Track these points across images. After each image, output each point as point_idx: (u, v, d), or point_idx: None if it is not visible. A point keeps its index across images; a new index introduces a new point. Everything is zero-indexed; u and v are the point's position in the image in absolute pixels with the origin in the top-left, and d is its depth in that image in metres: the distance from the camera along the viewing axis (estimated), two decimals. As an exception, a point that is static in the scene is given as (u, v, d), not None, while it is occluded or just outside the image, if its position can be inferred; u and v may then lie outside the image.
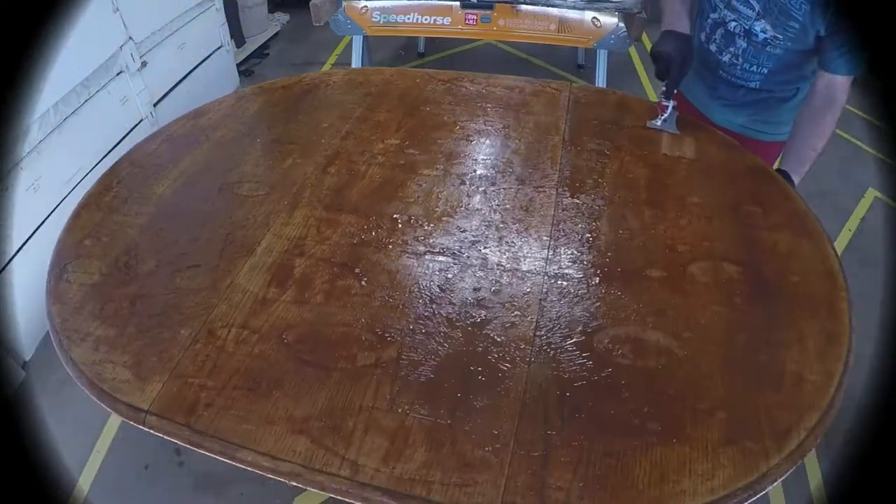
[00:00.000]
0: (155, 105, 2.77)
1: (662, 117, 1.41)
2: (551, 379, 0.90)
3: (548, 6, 2.66)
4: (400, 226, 1.19)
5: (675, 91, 1.38)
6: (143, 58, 2.62)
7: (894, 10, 1.05)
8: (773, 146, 1.51)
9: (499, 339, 0.96)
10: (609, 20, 2.63)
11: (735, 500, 0.76)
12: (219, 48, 3.38)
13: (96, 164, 2.33)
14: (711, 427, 0.83)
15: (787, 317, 0.98)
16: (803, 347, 0.93)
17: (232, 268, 1.09)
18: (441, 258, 1.11)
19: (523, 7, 2.68)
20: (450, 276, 1.08)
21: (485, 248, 1.13)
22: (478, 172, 1.34)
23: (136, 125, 2.62)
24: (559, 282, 1.06)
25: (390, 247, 1.14)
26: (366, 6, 2.80)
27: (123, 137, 2.52)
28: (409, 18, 2.80)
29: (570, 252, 1.12)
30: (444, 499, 0.76)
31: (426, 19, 2.79)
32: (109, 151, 2.41)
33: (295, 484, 0.80)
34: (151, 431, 0.87)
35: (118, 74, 2.48)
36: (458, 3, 2.73)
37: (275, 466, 0.81)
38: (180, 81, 3.02)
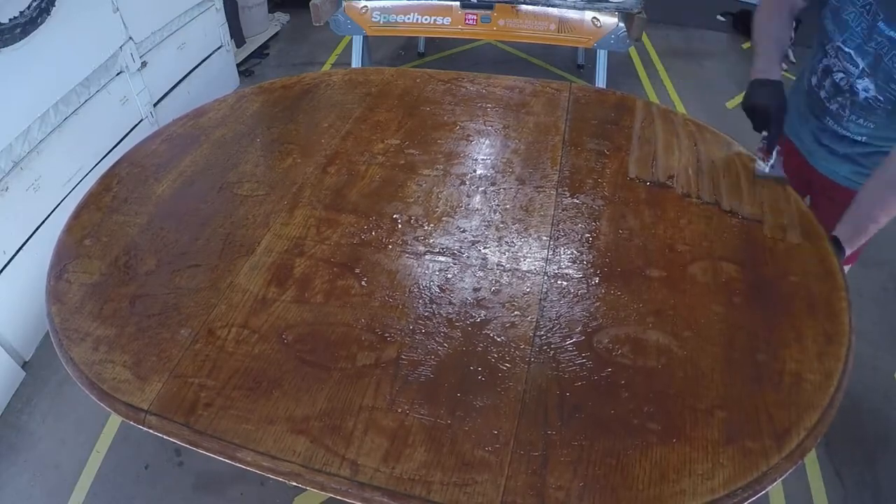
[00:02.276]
0: (155, 105, 2.77)
1: (770, 163, 1.31)
2: (551, 379, 0.90)
3: (548, 6, 2.66)
4: (400, 226, 1.19)
5: (778, 140, 1.29)
6: (143, 58, 2.63)
7: None
8: None
9: (499, 339, 0.96)
10: (609, 20, 2.64)
11: (735, 500, 0.76)
12: (219, 48, 3.38)
13: (96, 164, 2.33)
14: (711, 427, 0.83)
15: (786, 317, 0.98)
16: (803, 347, 0.93)
17: (232, 268, 1.09)
18: (441, 258, 1.11)
19: (523, 7, 2.68)
20: (450, 276, 1.08)
21: (485, 248, 1.13)
22: (478, 172, 1.34)
23: (136, 125, 2.62)
24: (559, 282, 1.06)
25: (390, 247, 1.14)
26: (366, 6, 2.80)
27: (123, 137, 2.52)
28: (409, 18, 2.81)
29: (569, 252, 1.12)
30: (443, 499, 0.76)
31: (426, 19, 2.79)
32: (109, 151, 2.42)
33: (295, 484, 0.80)
34: (151, 431, 0.87)
35: (118, 74, 2.48)
36: (458, 3, 2.73)
37: (275, 466, 0.81)
38: (180, 81, 3.02)
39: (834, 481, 1.71)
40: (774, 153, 1.30)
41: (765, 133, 1.29)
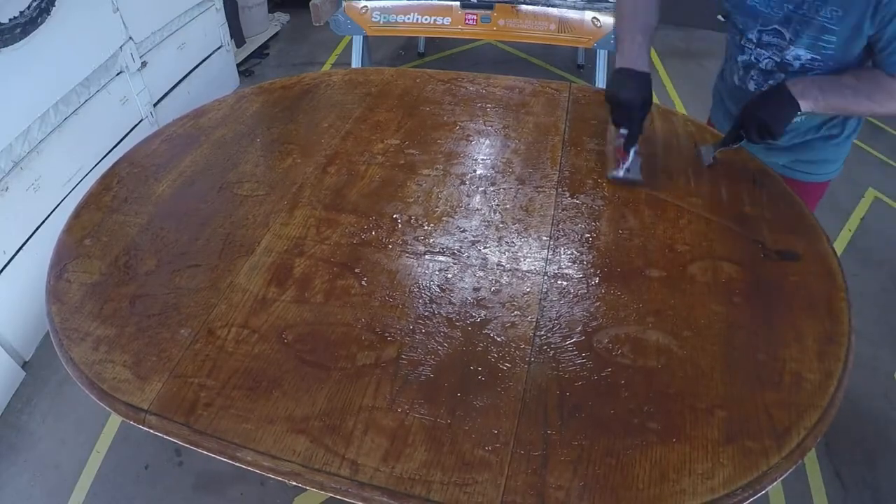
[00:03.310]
0: (155, 105, 2.77)
1: (625, 166, 1.24)
2: (551, 378, 0.90)
3: (548, 6, 2.66)
4: (400, 226, 1.19)
5: (639, 138, 1.23)
6: (143, 58, 2.63)
7: None
8: (815, 186, 1.42)
9: (499, 339, 0.96)
10: (609, 20, 2.63)
11: (735, 500, 0.76)
12: (219, 48, 3.38)
13: (96, 164, 2.33)
14: (711, 426, 0.83)
15: (786, 316, 0.98)
16: (803, 347, 0.93)
17: (232, 267, 1.09)
18: (441, 258, 1.11)
19: (523, 7, 2.68)
20: (450, 275, 1.08)
21: (485, 247, 1.13)
22: (477, 172, 1.34)
23: (136, 125, 2.62)
24: (559, 282, 1.06)
25: (390, 247, 1.14)
26: (366, 6, 2.80)
27: (123, 137, 2.52)
28: (409, 18, 2.81)
29: (569, 252, 1.12)
30: (443, 498, 0.76)
31: (426, 19, 2.80)
32: (109, 151, 2.42)
33: (295, 484, 0.80)
34: (151, 431, 0.87)
35: (118, 74, 2.48)
36: (458, 3, 2.74)
37: (275, 466, 0.81)
38: (180, 81, 3.02)
39: (834, 481, 1.72)
40: (632, 153, 1.22)
41: (623, 131, 1.21)
